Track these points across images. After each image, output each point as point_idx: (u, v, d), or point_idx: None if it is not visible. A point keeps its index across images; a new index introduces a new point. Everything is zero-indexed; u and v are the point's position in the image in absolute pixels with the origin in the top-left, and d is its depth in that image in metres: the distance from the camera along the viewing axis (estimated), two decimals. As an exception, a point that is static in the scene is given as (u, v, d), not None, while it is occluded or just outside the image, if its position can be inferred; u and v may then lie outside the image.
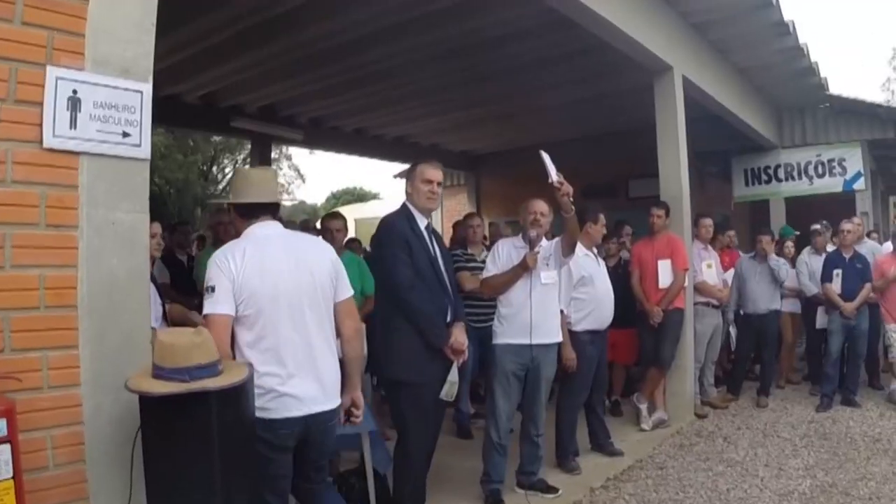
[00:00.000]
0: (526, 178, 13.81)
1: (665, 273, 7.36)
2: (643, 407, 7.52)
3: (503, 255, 5.40)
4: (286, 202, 27.75)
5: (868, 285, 8.21)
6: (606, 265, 7.55)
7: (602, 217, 6.45)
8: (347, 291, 3.47)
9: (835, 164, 12.23)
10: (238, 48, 8.25)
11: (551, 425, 6.00)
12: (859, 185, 12.07)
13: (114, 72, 2.91)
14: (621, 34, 6.79)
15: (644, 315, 7.43)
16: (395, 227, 4.38)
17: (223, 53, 8.42)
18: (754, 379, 9.12)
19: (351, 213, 22.10)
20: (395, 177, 18.53)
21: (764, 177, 12.92)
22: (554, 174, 5.00)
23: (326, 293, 3.32)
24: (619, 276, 7.57)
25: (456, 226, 8.63)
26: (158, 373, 2.53)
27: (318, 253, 3.40)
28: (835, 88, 11.85)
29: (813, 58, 9.82)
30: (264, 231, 3.25)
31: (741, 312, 8.78)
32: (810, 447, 6.81)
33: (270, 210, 3.32)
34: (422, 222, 4.48)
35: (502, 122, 12.76)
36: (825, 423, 7.65)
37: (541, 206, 5.49)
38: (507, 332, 5.28)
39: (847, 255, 8.37)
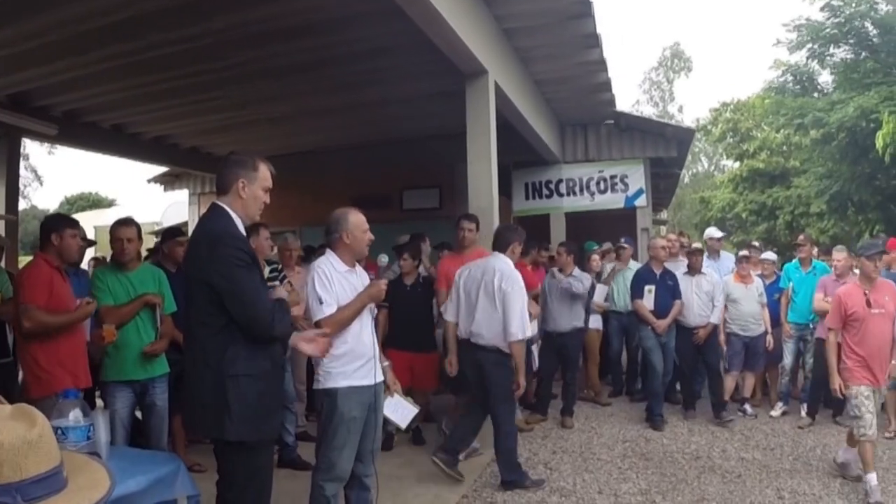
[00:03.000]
0: (296, 186, 13.31)
1: None
2: None
3: (334, 281, 4.43)
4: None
5: (678, 302, 8.25)
6: (403, 284, 6.97)
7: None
8: None
9: (617, 180, 12.47)
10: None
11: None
12: (641, 201, 12.38)
13: None
14: (447, 29, 6.21)
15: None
16: (241, 241, 3.52)
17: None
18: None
19: (89, 220, 20.09)
20: (150, 181, 16.90)
21: (545, 191, 12.93)
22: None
23: None
24: (418, 296, 7.01)
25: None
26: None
27: None
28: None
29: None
30: None
31: (544, 330, 8.52)
32: (636, 469, 6.63)
33: None
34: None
35: (273, 125, 11.80)
36: (639, 441, 7.55)
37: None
38: (349, 374, 4.40)
39: (658, 272, 8.35)
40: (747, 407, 8.77)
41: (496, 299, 5.86)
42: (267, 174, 3.70)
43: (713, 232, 10.93)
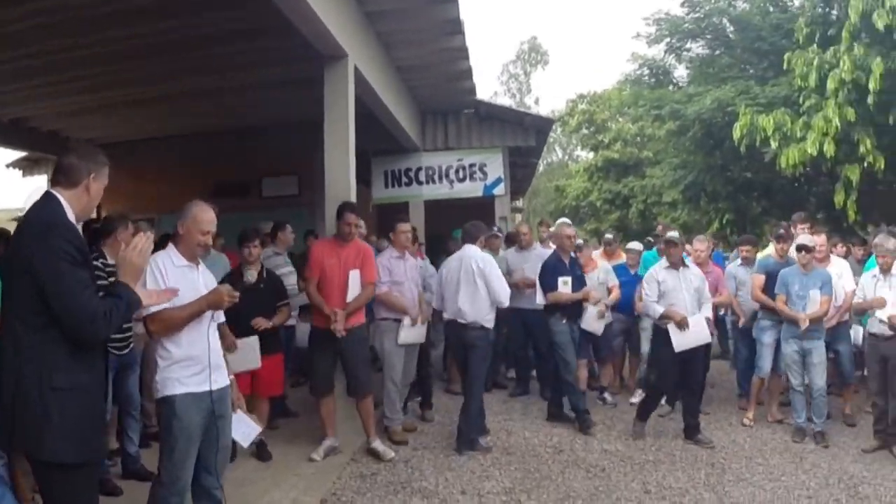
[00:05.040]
0: (154, 173, 12.70)
1: (355, 285, 6.57)
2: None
3: (169, 276, 4.09)
4: None
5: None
6: (244, 278, 6.53)
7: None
8: None
9: (476, 168, 12.44)
10: None
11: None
12: (499, 190, 12.41)
13: None
14: (306, 8, 5.91)
15: (323, 334, 6.54)
16: (75, 235, 3.14)
17: None
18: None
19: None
20: (9, 166, 15.69)
21: (405, 179, 12.78)
22: None
23: None
24: (260, 292, 6.51)
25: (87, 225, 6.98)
26: None
27: None
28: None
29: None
30: None
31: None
32: (498, 465, 6.51)
33: None
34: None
35: (132, 109, 11.14)
36: (501, 434, 7.45)
37: None
38: (185, 380, 4.05)
39: (567, 261, 8.07)
40: (606, 395, 8.84)
41: (477, 281, 6.92)
42: (107, 170, 3.37)
43: (565, 222, 11.07)
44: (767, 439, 7.28)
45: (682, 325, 7.20)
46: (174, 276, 4.07)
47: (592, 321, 8.30)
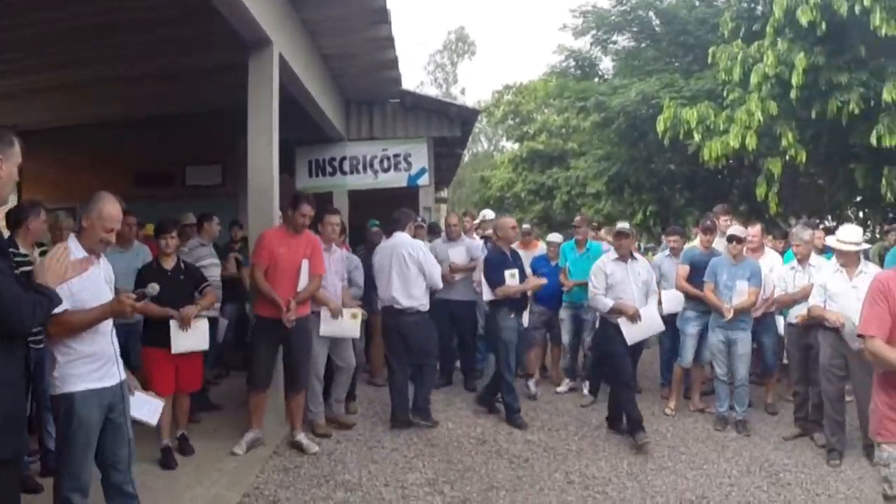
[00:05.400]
0: (74, 162, 12.30)
1: (306, 275, 6.52)
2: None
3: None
4: None
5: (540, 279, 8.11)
6: (162, 269, 6.37)
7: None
8: None
9: (400, 158, 12.38)
10: None
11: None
12: (423, 180, 12.37)
13: None
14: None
15: (267, 324, 6.42)
16: None
17: None
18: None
19: None
20: None
21: (329, 169, 12.63)
22: None
23: None
24: (179, 283, 6.33)
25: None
26: None
27: None
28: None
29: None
30: None
31: None
32: (422, 457, 6.51)
33: None
34: None
35: (50, 95, 10.74)
36: (424, 426, 7.41)
37: None
38: (85, 376, 3.92)
39: (508, 253, 7.96)
40: (531, 385, 8.89)
41: (410, 267, 7.25)
42: (19, 151, 3.23)
43: (488, 214, 11.58)
44: (690, 428, 7.45)
45: (634, 318, 7.19)
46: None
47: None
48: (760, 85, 11.78)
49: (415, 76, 55.19)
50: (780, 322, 8.00)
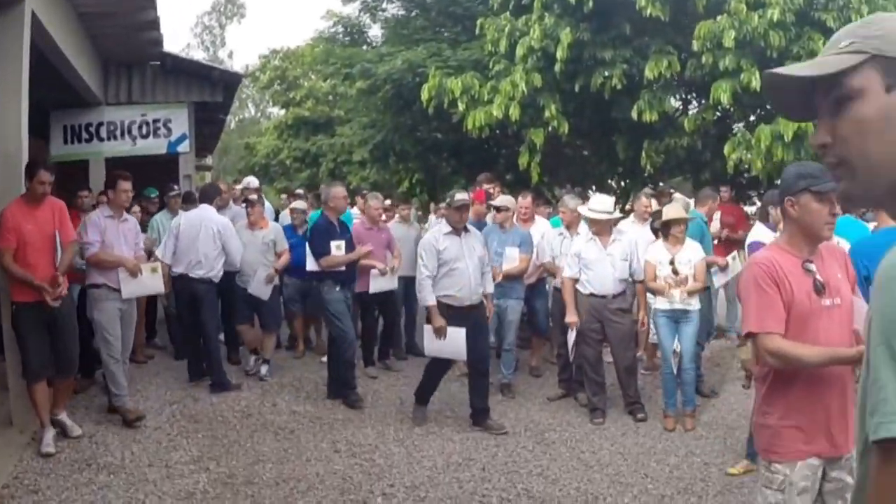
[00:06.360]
0: None
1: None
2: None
3: None
4: None
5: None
6: None
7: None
8: None
9: (160, 124, 11.85)
10: None
11: None
12: (184, 147, 11.94)
13: None
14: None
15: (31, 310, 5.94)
16: None
17: None
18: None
19: None
20: None
21: (85, 135, 11.83)
22: None
23: None
24: None
25: None
26: None
27: None
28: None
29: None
30: None
31: None
32: (186, 435, 6.44)
33: None
34: None
35: None
36: (187, 402, 7.36)
37: None
38: None
39: (336, 224, 7.86)
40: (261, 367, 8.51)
41: (216, 241, 7.68)
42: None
43: (252, 181, 11.50)
44: (456, 393, 7.68)
45: (439, 332, 6.58)
46: None
47: (261, 286, 8.24)
48: (526, 57, 12.12)
49: (182, 39, 52.92)
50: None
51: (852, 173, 1.20)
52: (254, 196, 9.51)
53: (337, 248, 7.57)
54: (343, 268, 7.71)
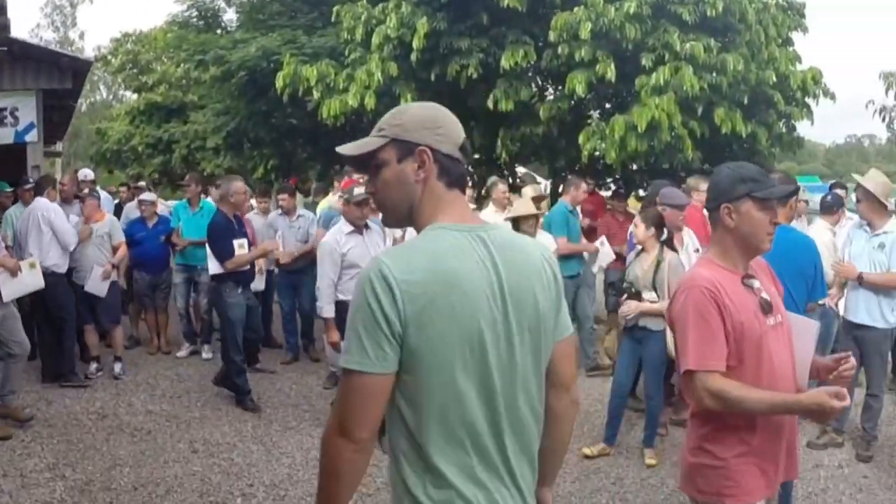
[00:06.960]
0: None
1: None
2: None
3: None
4: None
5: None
6: None
7: None
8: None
9: (7, 113, 11.26)
10: None
11: None
12: (31, 136, 11.38)
13: None
14: None
15: None
16: None
17: None
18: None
19: None
20: None
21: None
22: None
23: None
24: None
25: None
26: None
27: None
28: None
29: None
30: None
31: None
32: (40, 440, 6.24)
33: None
34: None
35: None
36: (41, 405, 7.10)
37: None
38: None
39: (234, 220, 7.41)
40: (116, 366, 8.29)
41: (43, 228, 7.52)
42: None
43: (87, 174, 11.72)
44: (312, 385, 7.77)
45: (335, 347, 6.02)
46: None
47: (97, 282, 8.04)
48: (382, 46, 12.10)
49: (31, 18, 50.28)
50: None
51: (384, 210, 2.05)
52: (86, 190, 9.37)
53: (240, 247, 7.09)
54: (247, 267, 7.36)
